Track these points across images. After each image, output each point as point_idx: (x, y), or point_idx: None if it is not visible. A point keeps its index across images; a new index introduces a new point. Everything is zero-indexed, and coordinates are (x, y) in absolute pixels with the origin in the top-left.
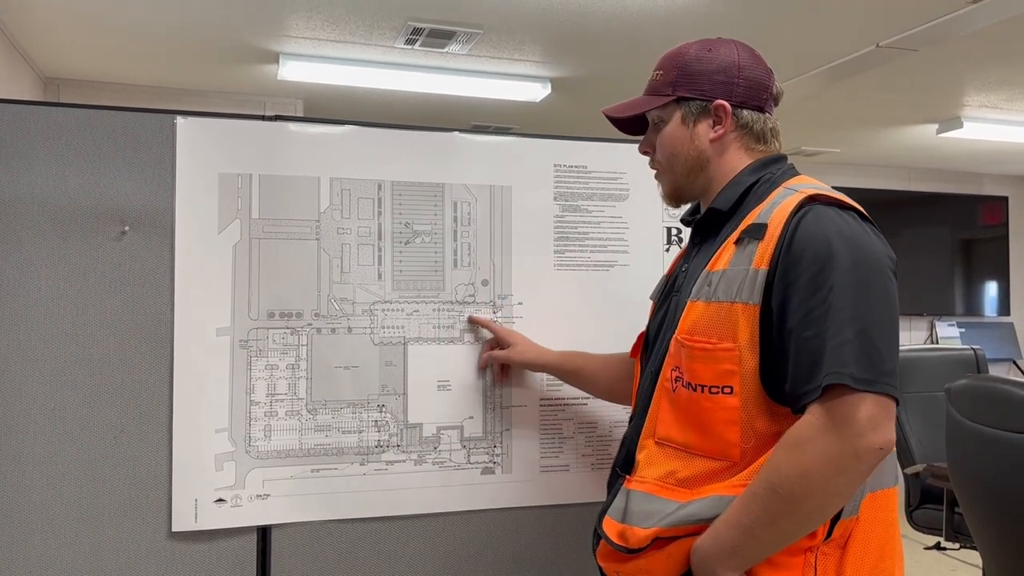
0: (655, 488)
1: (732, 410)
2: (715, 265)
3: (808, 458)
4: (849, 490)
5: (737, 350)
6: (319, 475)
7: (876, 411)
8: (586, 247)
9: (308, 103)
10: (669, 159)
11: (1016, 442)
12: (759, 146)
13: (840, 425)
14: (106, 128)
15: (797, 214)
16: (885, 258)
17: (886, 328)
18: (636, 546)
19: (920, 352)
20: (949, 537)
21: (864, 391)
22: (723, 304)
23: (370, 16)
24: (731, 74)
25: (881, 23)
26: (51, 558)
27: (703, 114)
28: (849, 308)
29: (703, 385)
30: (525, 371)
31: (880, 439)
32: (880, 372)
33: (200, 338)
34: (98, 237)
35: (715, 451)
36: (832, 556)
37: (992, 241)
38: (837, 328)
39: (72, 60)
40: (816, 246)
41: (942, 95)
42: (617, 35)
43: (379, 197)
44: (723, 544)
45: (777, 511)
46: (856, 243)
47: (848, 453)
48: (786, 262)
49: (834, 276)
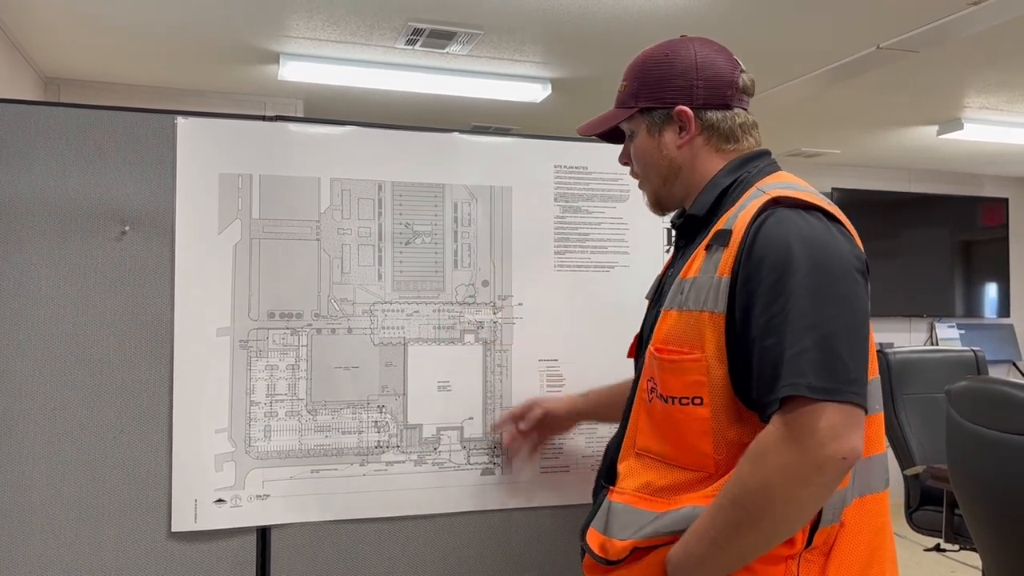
0: (633, 499)
1: (703, 420)
2: (687, 273)
3: (769, 470)
4: (814, 501)
5: (705, 360)
6: (319, 476)
7: (838, 420)
8: (586, 248)
9: (308, 103)
10: (644, 170)
11: (1016, 444)
12: (730, 145)
13: (800, 436)
14: (106, 128)
15: (758, 219)
16: (851, 258)
17: (850, 334)
18: (615, 557)
19: (920, 353)
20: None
21: (824, 400)
22: (692, 313)
23: (370, 16)
24: (689, 78)
25: (882, 24)
26: (51, 558)
27: (667, 122)
28: (809, 315)
29: (674, 396)
30: (525, 370)
31: (843, 448)
32: (842, 380)
33: (200, 338)
34: (98, 237)
35: (690, 462)
36: (815, 563)
37: (992, 243)
38: (795, 337)
39: (72, 60)
40: (776, 252)
41: (942, 96)
42: (617, 36)
43: (379, 197)
44: (691, 555)
45: (740, 523)
46: (818, 245)
47: (809, 465)
48: (747, 269)
49: (793, 282)
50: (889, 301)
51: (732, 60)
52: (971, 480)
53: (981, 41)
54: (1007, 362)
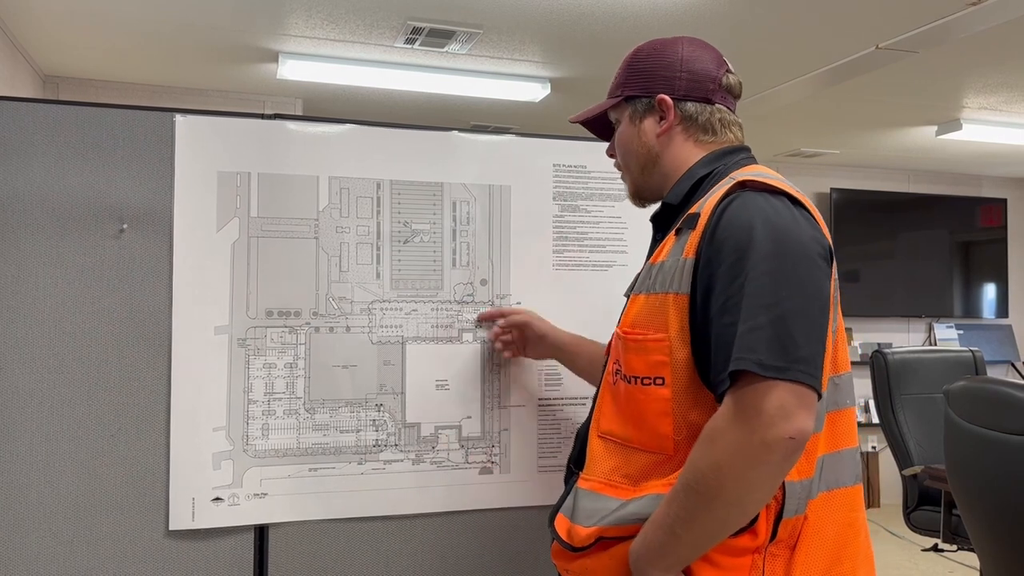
0: (600, 486)
1: (664, 401)
2: (657, 258)
3: (718, 451)
4: (767, 482)
5: (668, 341)
6: (317, 474)
7: (788, 399)
8: (585, 247)
9: (307, 102)
10: (625, 158)
11: (1014, 444)
12: (707, 137)
13: (749, 415)
14: (105, 126)
15: (723, 201)
16: (812, 243)
17: (805, 316)
18: (579, 544)
19: (918, 354)
20: (947, 539)
21: (773, 378)
22: (658, 295)
23: (370, 15)
24: (673, 69)
25: (881, 25)
26: (48, 556)
27: (648, 110)
28: (766, 295)
29: (636, 376)
30: (524, 368)
31: (791, 428)
32: (793, 359)
33: (198, 336)
34: (96, 235)
35: (651, 444)
36: (781, 557)
37: (991, 243)
38: (751, 314)
39: (71, 58)
40: (738, 233)
41: (941, 97)
42: (617, 35)
43: (378, 196)
44: (651, 544)
45: (693, 507)
46: (780, 228)
47: (757, 444)
48: (710, 250)
49: (751, 262)
50: (887, 301)
51: (719, 60)
52: (969, 480)
53: (980, 42)
54: (1005, 362)
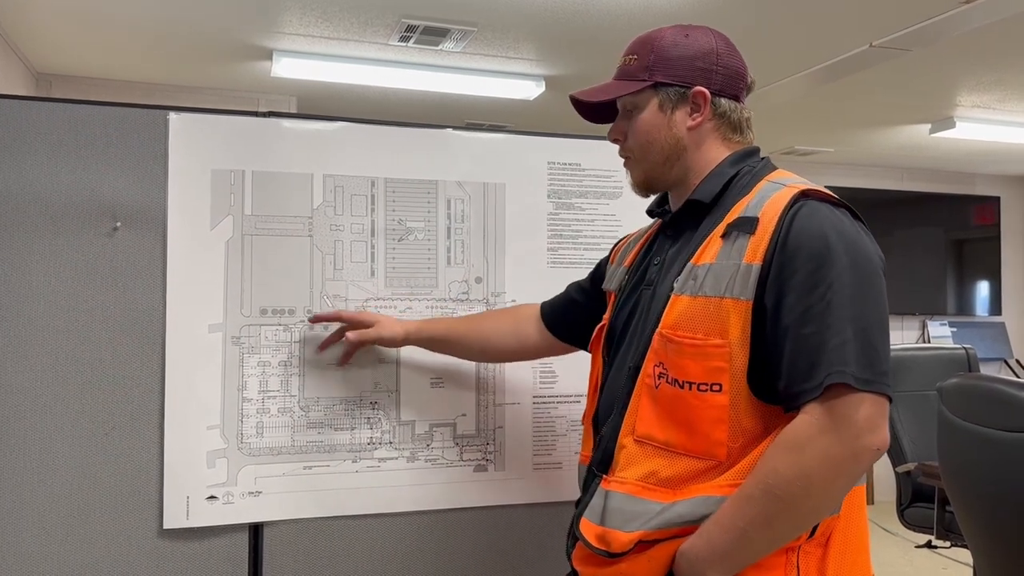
0: (636, 489)
1: (721, 408)
2: (700, 259)
3: (808, 460)
4: (844, 492)
5: (728, 347)
6: (311, 472)
7: (874, 411)
8: (579, 244)
9: (302, 101)
10: (644, 147)
11: (1007, 441)
12: (736, 136)
13: (840, 426)
14: (98, 124)
15: (791, 209)
16: (877, 258)
17: (882, 328)
18: (619, 550)
19: (912, 351)
20: (940, 535)
21: (864, 391)
22: (711, 299)
23: (364, 13)
24: (709, 61)
25: (874, 23)
26: (42, 554)
27: (681, 101)
28: (848, 307)
29: (691, 382)
30: (518, 366)
31: (877, 440)
32: (877, 372)
33: (192, 334)
34: (90, 233)
35: (700, 450)
36: (814, 555)
37: (984, 241)
38: (839, 326)
39: (64, 56)
40: (813, 242)
41: (935, 95)
42: (611, 33)
43: (372, 194)
44: (716, 547)
45: (774, 513)
46: (852, 241)
47: (847, 454)
48: (782, 257)
49: (833, 273)
50: None
51: (742, 57)
52: (962, 477)
53: (973, 40)
54: (998, 360)
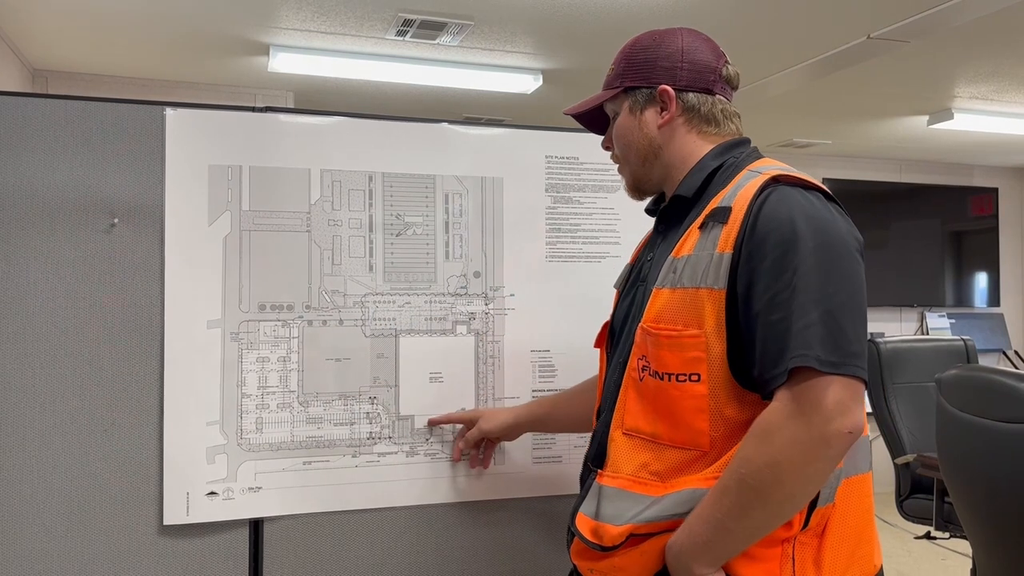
0: (628, 483)
1: (700, 398)
2: (680, 251)
3: (776, 446)
4: (820, 477)
5: (703, 336)
6: (311, 467)
7: (844, 395)
8: (578, 238)
9: (299, 95)
10: (624, 150)
11: (1006, 432)
12: (711, 129)
13: (808, 410)
14: (95, 120)
15: (760, 195)
16: (850, 239)
17: (852, 310)
18: (610, 544)
19: (910, 343)
20: (939, 526)
21: (831, 374)
22: (688, 290)
23: (360, 7)
24: (674, 60)
25: (872, 14)
26: (41, 551)
27: (649, 101)
28: (814, 290)
29: (670, 373)
30: (517, 361)
31: (849, 423)
32: (846, 354)
33: (191, 331)
34: (87, 229)
35: (685, 440)
36: (810, 545)
37: (982, 232)
38: (802, 311)
39: (60, 52)
40: (780, 228)
41: (933, 87)
42: (609, 27)
43: (370, 189)
44: (697, 539)
45: (748, 502)
46: (820, 224)
47: (816, 439)
48: (750, 245)
49: (799, 258)
50: (879, 291)
51: (718, 51)
52: (961, 468)
53: (971, 31)
54: (997, 351)
